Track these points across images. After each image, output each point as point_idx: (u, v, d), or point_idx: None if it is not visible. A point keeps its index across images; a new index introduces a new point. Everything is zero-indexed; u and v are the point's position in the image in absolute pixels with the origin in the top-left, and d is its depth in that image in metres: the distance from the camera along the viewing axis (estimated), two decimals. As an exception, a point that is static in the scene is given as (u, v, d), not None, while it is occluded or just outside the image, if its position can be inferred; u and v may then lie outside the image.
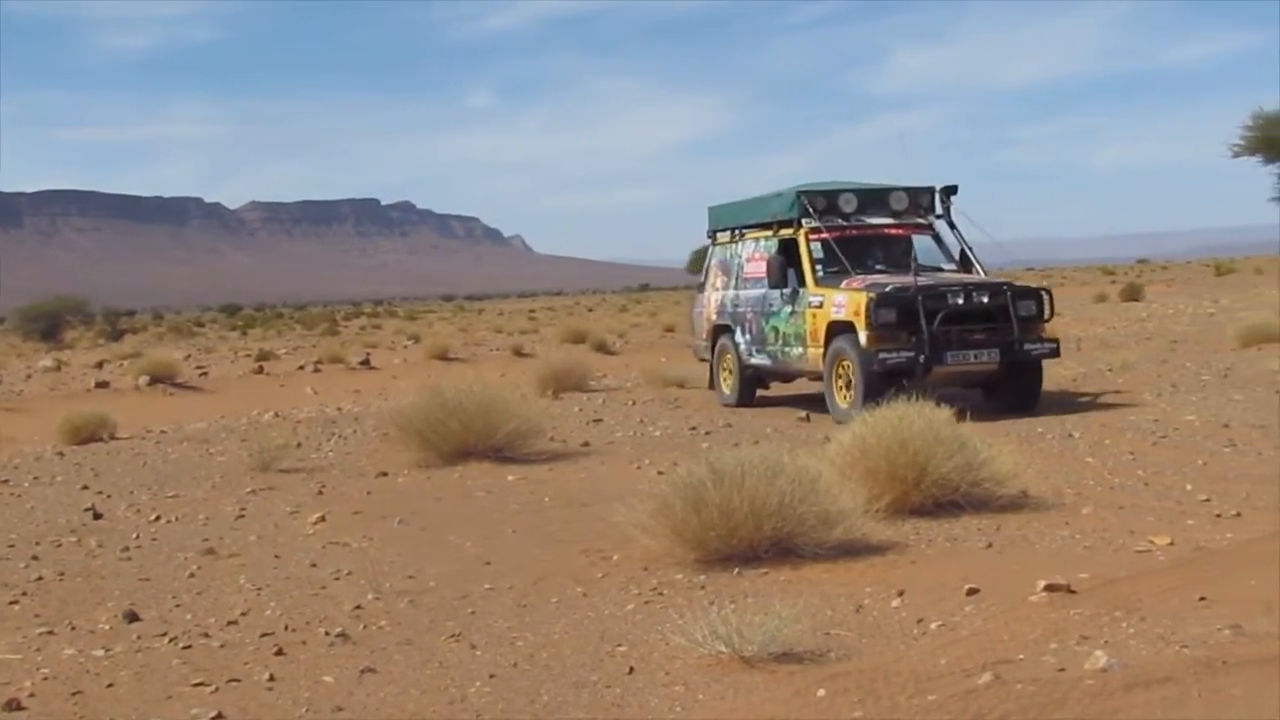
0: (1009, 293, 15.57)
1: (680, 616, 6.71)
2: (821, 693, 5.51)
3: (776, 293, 17.10)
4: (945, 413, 9.62)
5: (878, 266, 16.77)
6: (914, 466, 9.10)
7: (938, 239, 17.76)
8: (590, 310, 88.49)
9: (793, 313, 16.72)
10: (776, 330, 17.13)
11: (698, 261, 79.00)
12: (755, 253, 18.07)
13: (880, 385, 14.38)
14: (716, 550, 7.99)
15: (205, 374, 31.04)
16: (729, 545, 7.97)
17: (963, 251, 17.43)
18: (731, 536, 7.94)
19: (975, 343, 15.28)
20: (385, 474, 13.04)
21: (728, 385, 18.69)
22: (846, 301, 15.58)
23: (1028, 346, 15.37)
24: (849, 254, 16.55)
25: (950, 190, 17.65)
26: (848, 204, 17.26)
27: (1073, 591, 6.92)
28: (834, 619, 6.77)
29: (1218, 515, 8.88)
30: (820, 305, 16.10)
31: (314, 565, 8.96)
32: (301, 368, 32.75)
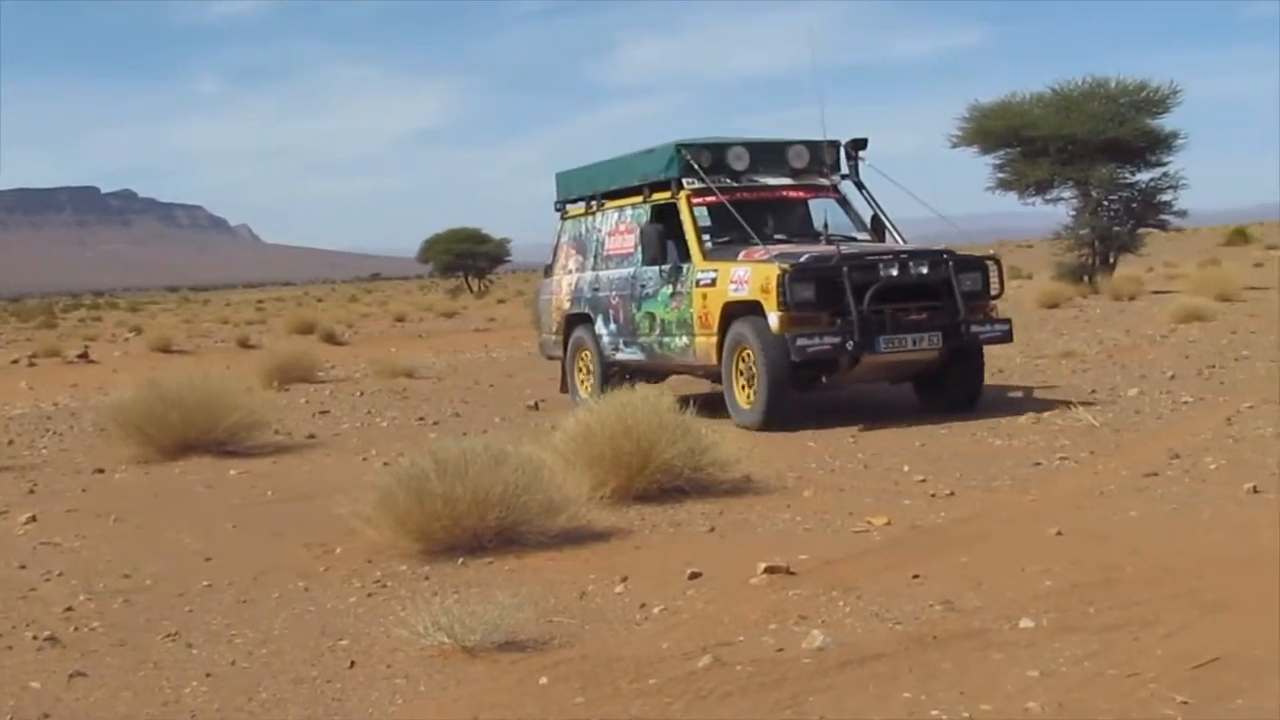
0: (951, 263, 13.02)
1: (403, 608, 6.63)
2: (544, 680, 5.51)
3: (652, 270, 14.21)
4: (669, 399, 9.71)
5: (777, 236, 14.03)
6: (638, 453, 9.13)
7: (844, 202, 15.06)
8: (319, 300, 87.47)
9: (674, 294, 13.89)
10: (652, 317, 14.27)
11: (429, 250, 78.21)
12: (621, 224, 15.14)
13: (794, 379, 12.63)
14: (441, 540, 7.92)
15: (-90, 370, 29.71)
16: (453, 535, 7.90)
17: (875, 217, 14.82)
18: (456, 526, 7.87)
19: (913, 325, 12.68)
20: (102, 470, 12.60)
21: (585, 387, 15.49)
22: (749, 276, 12.84)
23: (975, 329, 12.85)
24: (744, 220, 13.69)
25: (859, 144, 14.98)
26: (738, 160, 14.46)
27: (792, 573, 7.05)
28: (557, 606, 6.77)
29: (933, 495, 9.14)
30: (712, 283, 13.33)
31: (23, 567, 8.59)
32: (15, 362, 31.58)
